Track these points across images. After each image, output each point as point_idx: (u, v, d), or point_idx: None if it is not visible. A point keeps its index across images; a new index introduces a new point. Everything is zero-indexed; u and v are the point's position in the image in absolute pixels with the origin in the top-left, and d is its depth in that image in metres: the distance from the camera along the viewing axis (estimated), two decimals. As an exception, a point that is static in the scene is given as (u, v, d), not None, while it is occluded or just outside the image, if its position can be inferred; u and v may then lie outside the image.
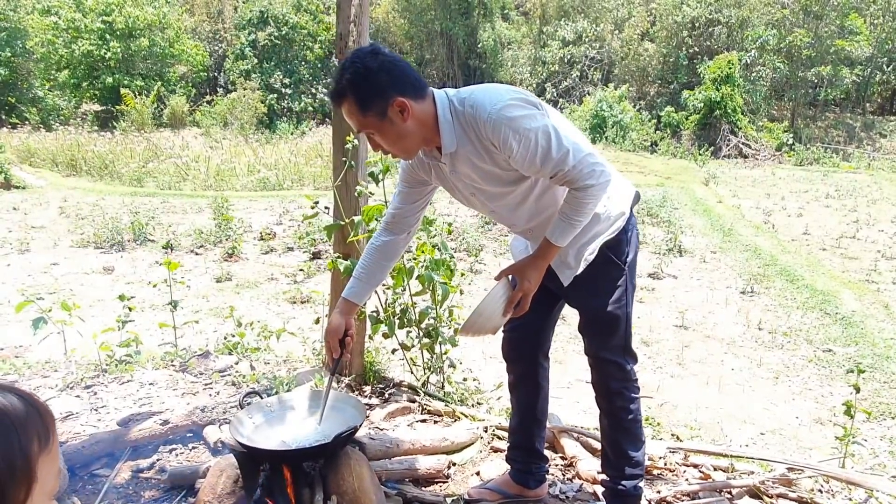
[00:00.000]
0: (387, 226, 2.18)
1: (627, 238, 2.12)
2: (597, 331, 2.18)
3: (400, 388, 3.29)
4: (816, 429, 4.70)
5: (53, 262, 8.32)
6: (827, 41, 22.36)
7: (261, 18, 24.54)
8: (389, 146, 1.86)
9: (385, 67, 1.75)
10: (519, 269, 2.02)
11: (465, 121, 1.84)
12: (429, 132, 1.85)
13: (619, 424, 2.24)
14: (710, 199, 14.05)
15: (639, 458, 2.25)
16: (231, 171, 15.87)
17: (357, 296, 2.16)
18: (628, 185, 2.17)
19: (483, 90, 1.85)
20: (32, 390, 3.15)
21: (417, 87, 1.81)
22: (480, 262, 8.70)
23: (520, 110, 1.78)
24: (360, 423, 2.05)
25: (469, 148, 1.87)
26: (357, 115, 1.78)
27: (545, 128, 1.78)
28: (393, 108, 1.76)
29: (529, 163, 1.82)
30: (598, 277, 2.10)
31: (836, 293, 7.66)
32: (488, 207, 2.09)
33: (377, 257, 2.17)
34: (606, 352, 2.17)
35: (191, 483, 2.27)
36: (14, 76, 21.54)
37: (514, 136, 1.76)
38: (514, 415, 2.46)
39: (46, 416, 0.85)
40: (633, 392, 2.21)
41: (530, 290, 2.00)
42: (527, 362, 2.37)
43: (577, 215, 1.88)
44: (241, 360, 3.62)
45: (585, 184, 1.82)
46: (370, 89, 1.74)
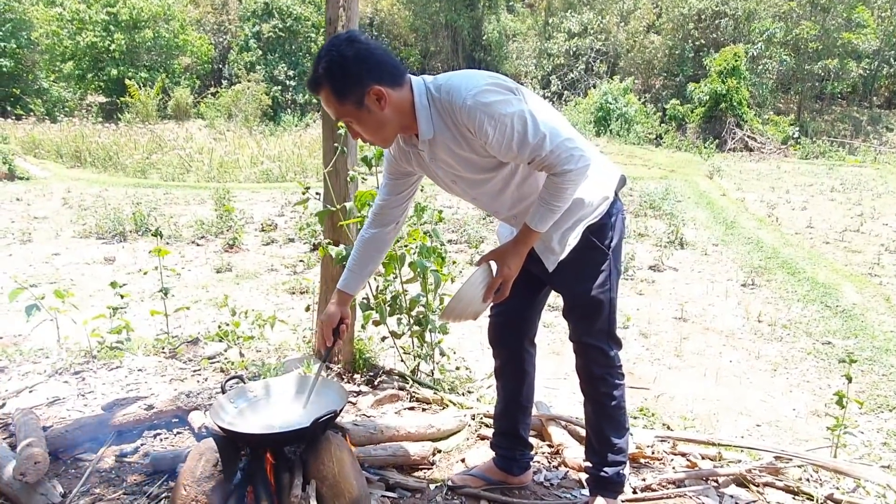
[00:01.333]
0: (374, 218, 2.19)
1: (612, 223, 2.10)
2: (580, 315, 2.16)
3: (390, 375, 3.29)
4: (813, 421, 4.68)
5: (55, 253, 8.34)
6: (834, 34, 22.14)
7: (265, 10, 24.47)
8: (368, 134, 1.86)
9: (361, 55, 1.74)
10: (499, 255, 2.00)
11: (441, 107, 1.82)
12: (406, 119, 1.84)
13: (602, 410, 2.22)
14: (714, 192, 13.98)
15: (622, 444, 2.24)
16: (234, 163, 15.88)
17: (350, 286, 2.19)
18: (613, 168, 2.15)
19: (459, 76, 1.83)
20: (22, 375, 3.16)
21: (395, 75, 1.80)
22: (481, 253, 8.68)
23: (495, 95, 1.76)
24: (341, 407, 2.04)
25: (447, 135, 1.86)
26: (334, 103, 1.78)
27: (521, 113, 1.76)
28: (370, 96, 1.75)
29: (506, 148, 1.80)
30: (581, 262, 2.09)
31: (837, 286, 7.61)
32: (469, 195, 2.08)
33: (367, 249, 2.19)
34: (590, 337, 2.15)
35: (173, 467, 2.27)
36: (19, 67, 21.55)
37: (490, 122, 1.75)
38: (500, 401, 2.45)
39: None
40: (617, 378, 2.19)
41: (510, 275, 1.99)
42: (512, 348, 2.36)
43: (557, 200, 1.86)
44: (230, 348, 3.62)
45: (563, 169, 1.80)
46: (346, 78, 1.73)
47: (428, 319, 3.22)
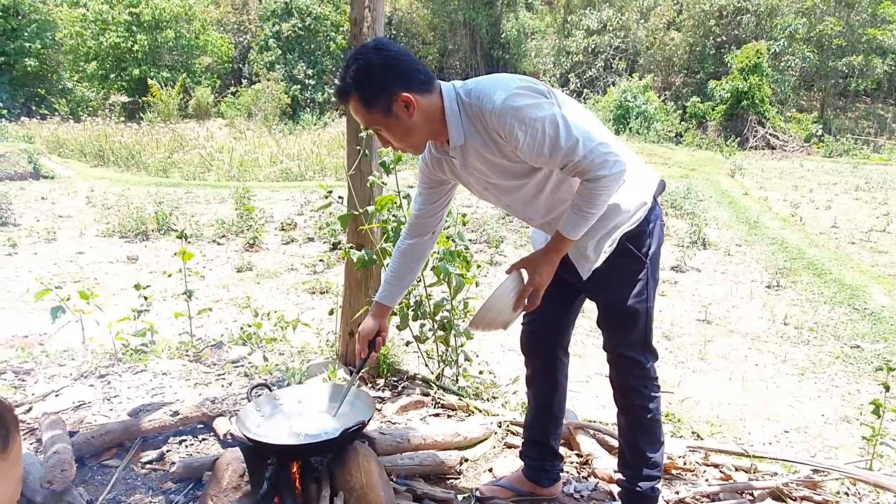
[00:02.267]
0: (410, 229, 2.16)
1: (649, 230, 2.04)
2: (615, 325, 2.11)
3: (413, 381, 3.25)
4: (843, 427, 4.57)
5: (79, 252, 8.42)
6: (859, 30, 21.77)
7: (285, 9, 24.58)
8: (397, 142, 1.83)
9: (388, 62, 1.71)
10: (530, 263, 1.96)
11: (471, 112, 1.79)
12: (436, 126, 1.81)
13: (636, 423, 2.17)
14: (736, 191, 13.80)
15: (657, 458, 2.18)
16: (254, 162, 15.97)
17: (388, 298, 2.16)
18: (652, 173, 2.09)
19: (489, 80, 1.80)
20: (48, 378, 3.17)
21: (423, 81, 1.77)
22: (500, 253, 8.63)
23: (525, 99, 1.72)
24: (369, 418, 2.01)
25: (477, 140, 1.82)
26: (363, 111, 1.76)
27: (553, 117, 1.72)
28: (398, 103, 1.73)
29: (537, 153, 1.75)
30: (617, 270, 2.03)
31: (864, 288, 7.46)
32: (503, 202, 2.03)
33: (404, 260, 2.16)
34: (625, 347, 2.10)
35: (199, 476, 2.25)
36: (44, 68, 21.86)
37: (520, 126, 1.71)
38: (530, 410, 2.40)
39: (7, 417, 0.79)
40: (653, 390, 2.14)
41: (542, 284, 1.94)
42: (545, 356, 2.31)
43: (590, 207, 1.81)
44: (254, 351, 3.61)
45: (597, 174, 1.75)
46: (374, 86, 1.71)
47: (452, 324, 3.19)
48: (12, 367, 3.29)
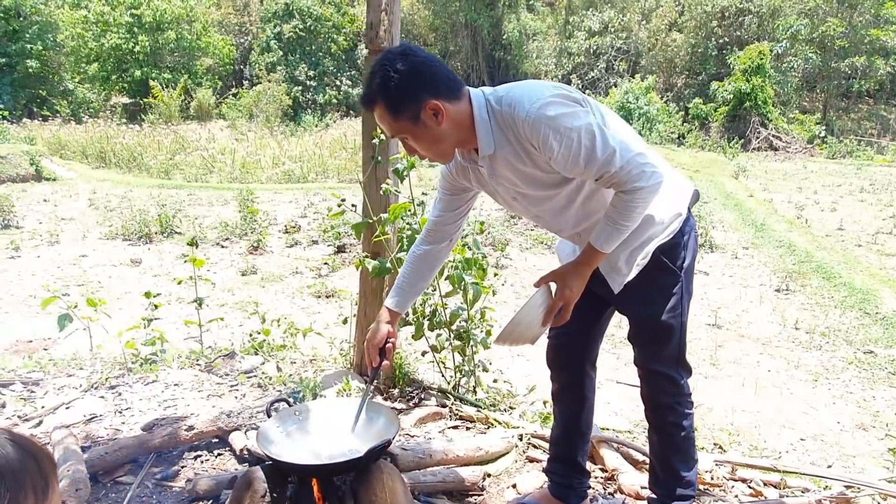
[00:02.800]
0: (427, 234, 2.09)
1: (684, 241, 1.97)
2: (648, 341, 2.04)
3: (429, 391, 3.19)
4: (859, 435, 4.52)
5: (82, 254, 8.36)
6: (861, 31, 21.74)
7: (286, 11, 24.54)
8: (424, 150, 1.76)
9: (416, 69, 1.65)
10: (560, 276, 1.89)
11: (502, 120, 1.72)
12: (465, 134, 1.75)
13: (670, 441, 2.10)
14: (741, 193, 13.75)
15: (690, 477, 2.12)
16: (256, 164, 15.91)
17: (399, 305, 2.08)
18: (685, 182, 2.02)
19: (521, 87, 1.73)
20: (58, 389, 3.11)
21: (452, 88, 1.70)
22: (506, 256, 8.57)
23: (561, 108, 1.65)
24: (394, 436, 1.95)
25: (508, 150, 1.75)
26: (389, 120, 1.69)
27: (588, 126, 1.65)
28: (426, 111, 1.67)
29: (572, 164, 1.68)
30: (651, 284, 1.96)
31: (875, 291, 7.41)
32: (531, 212, 1.97)
33: (418, 266, 2.08)
34: (658, 364, 2.03)
35: (216, 494, 2.19)
36: (45, 69, 21.77)
37: (555, 136, 1.63)
38: (557, 426, 2.33)
39: (45, 465, 0.75)
40: (686, 407, 2.07)
41: (572, 298, 1.87)
42: (572, 371, 2.24)
43: (625, 220, 1.74)
44: (267, 361, 3.55)
45: (634, 186, 1.68)
46: (401, 93, 1.65)
47: (469, 334, 3.12)
48: (20, 376, 3.23)
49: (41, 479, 0.72)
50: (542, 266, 7.91)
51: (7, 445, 0.70)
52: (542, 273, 1.95)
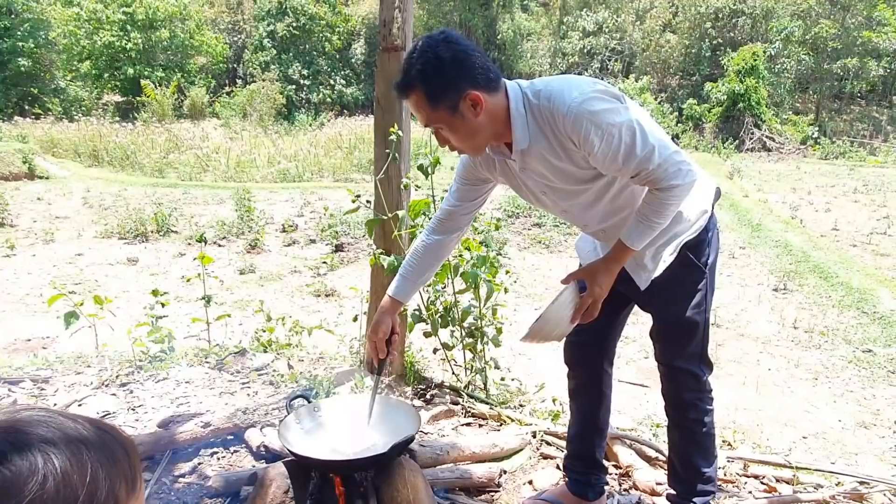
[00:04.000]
0: (440, 224, 2.04)
1: (709, 238, 1.98)
2: (673, 338, 2.04)
3: (441, 389, 3.19)
4: (861, 433, 4.55)
5: (78, 253, 8.32)
6: (854, 33, 21.88)
7: (279, 9, 24.49)
8: (458, 142, 1.73)
9: (459, 58, 1.61)
10: (590, 273, 1.87)
11: (540, 115, 1.69)
12: (500, 127, 1.72)
13: (691, 438, 2.11)
14: (736, 194, 13.80)
15: (710, 473, 2.12)
16: (251, 163, 15.86)
17: (403, 294, 2.04)
18: (709, 180, 2.02)
19: (561, 81, 1.71)
20: (68, 387, 3.09)
21: (491, 79, 1.67)
22: (505, 255, 8.57)
23: (602, 103, 1.63)
24: (416, 431, 1.95)
25: (544, 144, 1.73)
26: (426, 108, 1.65)
27: (629, 123, 1.64)
28: (465, 101, 1.63)
29: (611, 161, 1.67)
30: (677, 281, 1.96)
31: (872, 291, 7.45)
32: (560, 207, 1.95)
33: (425, 256, 2.05)
34: (682, 360, 2.03)
35: (235, 490, 2.18)
36: (37, 67, 21.63)
37: (596, 132, 1.62)
38: (575, 423, 2.33)
39: (133, 455, 0.73)
40: (708, 403, 2.08)
41: (601, 295, 1.85)
42: (591, 369, 2.24)
43: (658, 217, 1.74)
44: (277, 359, 3.54)
45: (671, 184, 1.68)
46: (442, 81, 1.61)
47: (481, 331, 3.13)
48: (29, 374, 3.21)
49: (130, 470, 0.70)
50: (541, 266, 7.92)
51: (97, 432, 0.69)
52: (542, 271, 1.95)
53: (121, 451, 0.70)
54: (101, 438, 0.68)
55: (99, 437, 0.68)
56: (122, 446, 0.71)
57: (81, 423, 0.69)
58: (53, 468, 0.62)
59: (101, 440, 0.68)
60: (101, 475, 0.65)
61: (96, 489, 0.64)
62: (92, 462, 0.65)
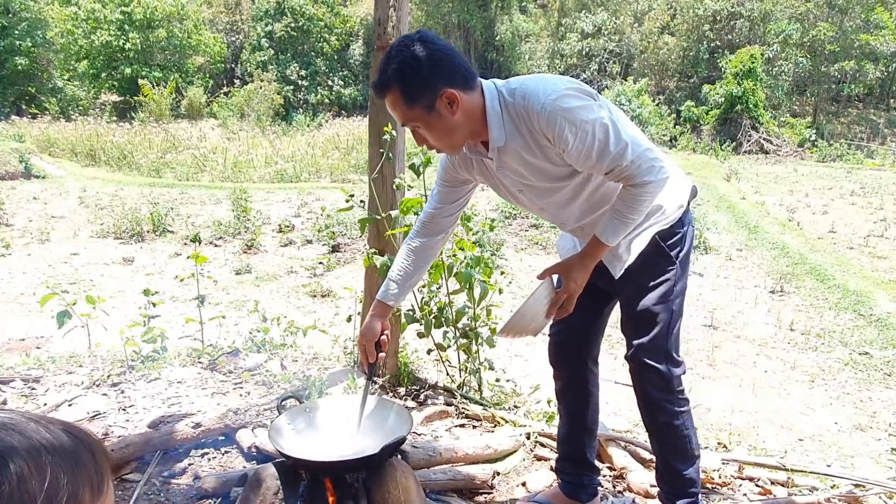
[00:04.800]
0: (423, 226, 2.06)
1: (683, 232, 1.99)
2: (636, 326, 2.02)
3: (435, 390, 3.17)
4: (857, 435, 4.54)
5: (74, 253, 8.29)
6: (851, 36, 21.92)
7: (277, 10, 24.47)
8: (435, 141, 1.74)
9: (435, 57, 1.63)
10: (564, 269, 1.89)
11: (515, 113, 1.71)
12: (476, 125, 1.74)
13: (663, 440, 2.09)
14: (734, 196, 13.81)
15: (691, 474, 2.09)
16: (248, 163, 15.83)
17: (393, 298, 2.05)
18: (685, 178, 2.04)
19: (535, 80, 1.72)
20: (59, 387, 3.07)
21: (467, 78, 1.69)
22: (501, 256, 8.55)
23: (576, 100, 1.65)
24: (408, 433, 1.93)
25: (519, 142, 1.75)
26: (402, 107, 1.67)
27: (602, 120, 1.66)
28: (442, 100, 1.65)
29: (585, 157, 1.69)
30: (646, 267, 1.97)
31: (869, 293, 7.45)
32: (537, 205, 1.96)
33: (411, 259, 2.05)
34: (646, 355, 1.99)
35: (226, 491, 2.16)
36: (34, 66, 21.60)
37: (570, 129, 1.64)
38: (563, 424, 2.32)
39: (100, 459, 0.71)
40: (678, 405, 2.03)
41: (576, 291, 1.88)
42: (575, 368, 2.23)
43: (632, 213, 1.76)
44: (270, 359, 3.52)
45: (643, 180, 1.70)
46: (418, 80, 1.62)
47: (475, 332, 3.11)
48: (20, 374, 3.19)
49: (97, 475, 0.68)
50: (538, 267, 7.90)
51: (63, 436, 0.67)
52: (538, 273, 1.95)
53: (87, 454, 0.68)
54: (66, 442, 0.67)
55: (64, 441, 0.66)
56: (88, 450, 0.69)
57: (46, 426, 0.67)
58: (9, 473, 0.60)
59: (66, 444, 0.66)
60: (63, 480, 0.63)
61: (56, 494, 0.62)
62: (53, 467, 0.63)
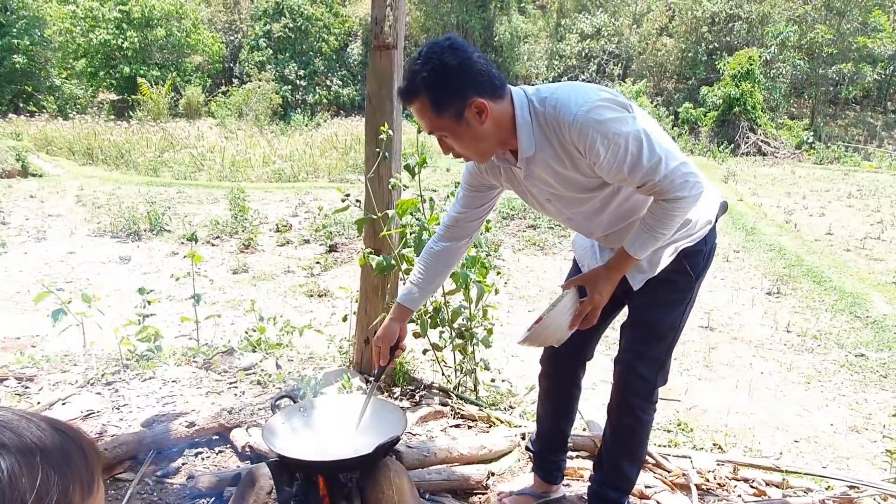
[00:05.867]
0: (447, 230, 2.04)
1: (706, 250, 1.97)
2: (642, 338, 2.01)
3: (431, 390, 3.17)
4: (853, 437, 4.54)
5: (70, 251, 8.27)
6: (849, 38, 21.96)
7: (276, 9, 24.44)
8: (463, 149, 1.71)
9: (465, 65, 1.60)
10: (591, 280, 1.86)
11: (545, 122, 1.68)
12: (505, 134, 1.70)
13: (620, 439, 2.12)
14: (731, 197, 13.81)
15: (631, 475, 2.15)
16: (246, 162, 15.81)
17: (413, 301, 2.05)
18: (716, 192, 2.01)
19: (567, 88, 1.69)
20: (53, 385, 3.06)
21: (496, 86, 1.66)
22: (499, 257, 8.55)
23: (609, 112, 1.61)
24: (402, 433, 1.93)
25: (549, 152, 1.72)
26: (431, 116, 1.63)
27: (636, 133, 1.62)
28: (471, 109, 1.62)
29: (616, 170, 1.65)
30: (665, 285, 1.95)
31: (865, 296, 7.46)
32: (564, 214, 1.93)
33: (435, 263, 2.04)
34: (642, 364, 2.00)
35: (219, 491, 2.16)
36: (32, 64, 21.54)
37: (602, 141, 1.60)
38: (548, 419, 2.35)
39: (91, 458, 0.70)
40: (647, 414, 2.07)
41: (601, 302, 1.85)
42: (570, 370, 2.26)
43: (662, 227, 1.72)
44: (266, 358, 3.51)
45: (676, 195, 1.66)
46: (448, 89, 1.60)
47: (471, 332, 3.11)
48: (13, 372, 3.17)
49: (87, 474, 0.67)
50: (535, 268, 7.91)
51: (54, 435, 0.66)
52: (537, 273, 1.95)
53: (78, 453, 0.67)
54: (57, 440, 0.66)
55: (55, 440, 0.66)
56: (79, 448, 0.68)
57: (38, 424, 0.67)
58: (0, 471, 0.59)
59: (56, 442, 0.66)
60: (54, 479, 0.63)
61: (46, 492, 0.62)
62: (43, 465, 0.63)
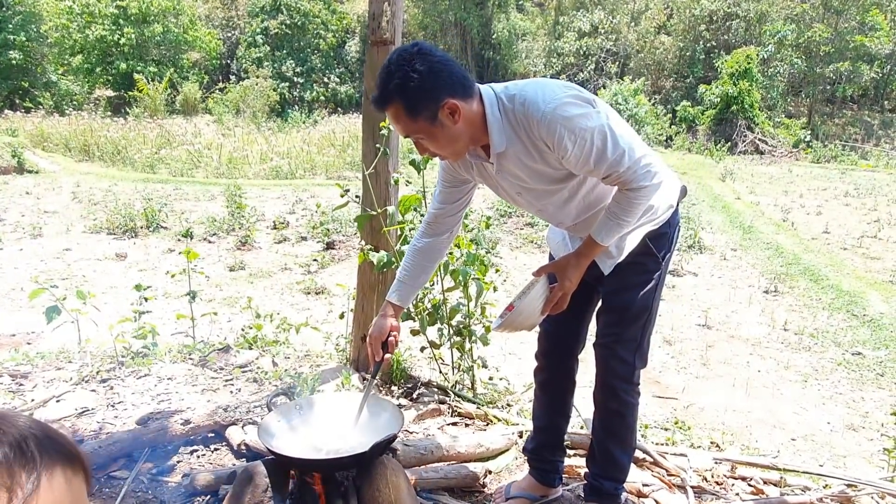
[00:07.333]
0: (427, 227, 2.11)
1: (670, 233, 2.07)
2: (616, 321, 2.09)
3: (428, 387, 3.15)
4: (849, 435, 4.54)
5: (66, 248, 8.24)
6: (847, 37, 21.96)
7: (273, 6, 24.37)
8: (439, 150, 1.77)
9: (435, 69, 1.65)
10: (560, 267, 1.95)
11: (515, 119, 1.74)
12: (477, 132, 1.77)
13: (609, 426, 2.17)
14: (728, 196, 13.82)
15: (624, 462, 2.20)
16: (243, 159, 15.77)
17: (402, 298, 2.09)
18: (675, 178, 2.10)
19: (534, 85, 1.75)
20: (47, 382, 3.04)
21: (466, 86, 1.72)
22: (496, 254, 8.54)
23: (575, 108, 1.69)
24: (398, 431, 1.91)
25: (518, 147, 1.78)
26: (406, 120, 1.69)
27: (601, 127, 1.70)
28: (444, 110, 1.67)
29: (583, 163, 1.74)
30: (634, 268, 2.04)
31: (862, 294, 7.47)
32: (535, 206, 2.01)
33: (419, 259, 2.10)
34: (619, 346, 2.08)
35: (214, 489, 2.14)
36: (28, 60, 21.46)
37: (570, 136, 1.68)
38: (543, 415, 2.38)
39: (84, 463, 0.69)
40: (632, 397, 2.13)
41: (570, 288, 1.94)
42: (562, 361, 2.31)
43: (626, 215, 1.82)
44: (262, 356, 3.49)
45: (639, 185, 1.76)
46: (420, 94, 1.64)
47: (469, 330, 3.10)
48: (7, 369, 3.15)
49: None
50: (532, 265, 7.89)
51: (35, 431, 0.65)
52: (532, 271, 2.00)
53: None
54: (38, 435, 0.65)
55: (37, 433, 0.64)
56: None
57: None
58: None
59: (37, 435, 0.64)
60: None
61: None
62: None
